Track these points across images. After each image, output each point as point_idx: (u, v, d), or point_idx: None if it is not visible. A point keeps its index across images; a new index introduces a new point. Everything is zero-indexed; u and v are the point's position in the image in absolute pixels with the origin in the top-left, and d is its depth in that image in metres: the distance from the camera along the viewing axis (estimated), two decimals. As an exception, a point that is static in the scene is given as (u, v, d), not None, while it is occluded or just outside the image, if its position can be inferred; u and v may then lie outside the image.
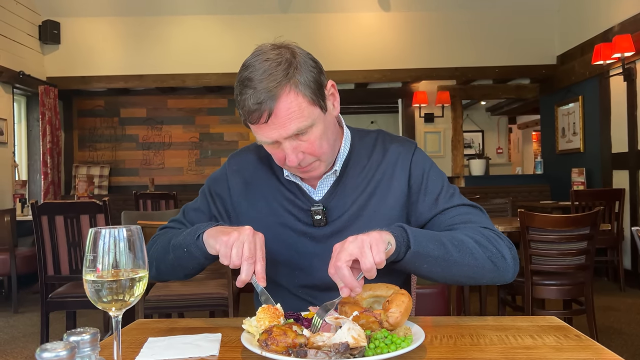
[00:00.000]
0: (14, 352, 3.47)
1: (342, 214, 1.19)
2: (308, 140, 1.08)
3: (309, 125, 1.07)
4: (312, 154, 1.11)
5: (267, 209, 1.22)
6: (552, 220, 2.87)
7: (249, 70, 1.06)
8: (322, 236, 1.19)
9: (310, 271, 1.19)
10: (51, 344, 0.60)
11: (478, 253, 1.07)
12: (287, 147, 1.08)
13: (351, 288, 0.92)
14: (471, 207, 1.19)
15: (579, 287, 2.93)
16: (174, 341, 0.97)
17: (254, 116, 1.05)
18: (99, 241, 0.74)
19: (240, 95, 1.07)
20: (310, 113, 1.06)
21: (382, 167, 1.22)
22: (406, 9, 6.69)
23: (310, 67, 1.08)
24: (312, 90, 1.06)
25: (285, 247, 1.20)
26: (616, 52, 4.85)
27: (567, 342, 0.93)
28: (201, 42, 6.64)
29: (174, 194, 5.81)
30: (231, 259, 1.01)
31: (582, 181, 5.82)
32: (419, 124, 7.42)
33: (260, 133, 1.08)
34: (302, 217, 1.20)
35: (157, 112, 7.46)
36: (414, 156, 1.23)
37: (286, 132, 1.05)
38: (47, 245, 2.98)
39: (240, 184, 1.27)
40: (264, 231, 1.16)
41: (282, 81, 1.03)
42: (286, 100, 1.04)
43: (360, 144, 1.25)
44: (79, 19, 6.64)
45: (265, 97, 1.03)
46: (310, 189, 1.22)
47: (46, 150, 6.28)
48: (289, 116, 1.04)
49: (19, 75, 5.91)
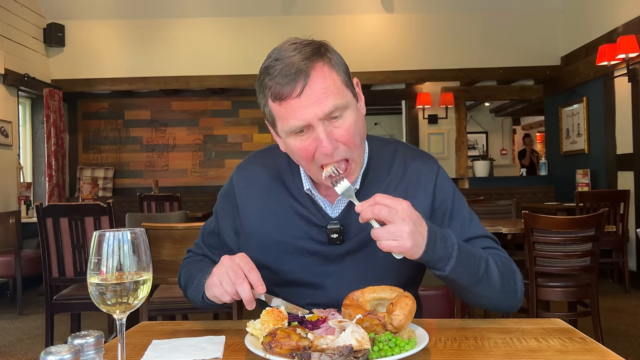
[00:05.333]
0: (19, 354, 3.48)
1: (360, 232, 1.11)
2: (343, 125, 1.00)
3: (345, 105, 0.99)
4: (346, 144, 1.01)
5: (278, 225, 1.15)
6: (557, 222, 2.85)
7: (276, 53, 1.00)
8: (336, 255, 1.12)
9: (323, 292, 1.13)
10: (56, 347, 0.60)
11: (498, 285, 1.06)
12: (321, 131, 0.98)
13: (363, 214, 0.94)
14: (491, 240, 1.18)
15: (584, 289, 2.92)
16: (177, 343, 0.97)
17: (285, 90, 0.96)
18: (103, 244, 0.74)
19: (269, 75, 0.98)
20: (345, 93, 0.99)
21: (402, 185, 1.15)
22: (409, 10, 6.69)
23: (340, 56, 1.04)
24: (344, 73, 1.01)
25: (297, 265, 1.14)
26: (621, 53, 4.84)
27: (572, 344, 0.93)
28: (205, 44, 6.65)
29: (178, 195, 5.83)
30: (229, 294, 0.99)
31: (587, 182, 5.80)
32: (422, 125, 7.41)
33: (291, 114, 0.98)
34: (316, 234, 1.13)
35: (161, 114, 7.49)
36: (438, 178, 1.18)
37: (322, 110, 0.96)
38: (51, 247, 2.99)
39: (249, 200, 1.18)
40: (275, 249, 1.14)
41: (315, 55, 0.97)
42: (321, 73, 0.97)
43: (377, 156, 1.18)
44: (84, 22, 6.67)
45: (299, 67, 0.95)
46: (327, 204, 1.14)
47: (51, 152, 6.31)
48: (325, 90, 0.96)
49: (24, 78, 5.94)
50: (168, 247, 2.25)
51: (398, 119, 9.42)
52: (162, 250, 2.24)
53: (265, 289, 0.99)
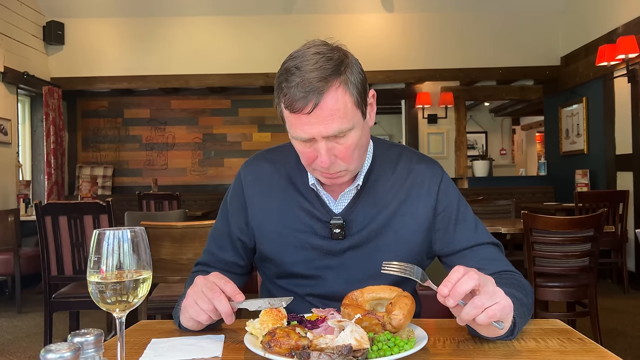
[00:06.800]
0: (18, 352, 3.48)
1: (361, 229, 1.16)
2: (344, 144, 1.04)
3: (350, 128, 1.03)
4: (343, 160, 1.06)
5: (283, 219, 1.18)
6: (556, 222, 2.86)
7: (299, 60, 1.02)
8: (338, 250, 1.16)
9: (323, 284, 1.17)
10: (55, 345, 0.60)
11: (528, 313, 1.05)
12: (322, 147, 1.03)
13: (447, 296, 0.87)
14: (496, 246, 1.19)
15: (583, 289, 2.92)
16: (177, 342, 0.97)
17: (297, 105, 1.00)
18: (102, 243, 0.74)
19: (286, 82, 1.01)
20: (353, 116, 1.03)
21: (406, 186, 1.18)
22: (410, 10, 6.69)
23: (359, 70, 1.06)
24: (358, 92, 1.03)
25: (300, 258, 1.17)
26: (620, 54, 4.84)
27: (570, 345, 0.93)
28: (205, 43, 6.65)
29: (177, 194, 5.82)
30: (206, 312, 0.98)
31: (586, 183, 5.81)
32: (422, 125, 7.41)
33: (298, 126, 1.02)
34: (320, 229, 1.16)
35: (161, 112, 7.48)
36: (442, 182, 1.20)
37: (326, 131, 1.01)
38: (50, 245, 2.99)
39: (257, 194, 1.22)
40: (279, 242, 1.17)
41: (332, 75, 1.00)
42: (334, 95, 1.00)
43: (382, 156, 1.21)
44: (83, 20, 6.66)
45: (314, 87, 0.99)
46: (331, 200, 1.18)
47: (50, 150, 6.30)
48: (333, 114, 1.00)
49: (23, 75, 5.93)
50: (167, 246, 2.25)
51: (398, 118, 9.42)
52: (161, 249, 2.24)
53: (244, 297, 0.99)
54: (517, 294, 1.02)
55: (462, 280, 0.86)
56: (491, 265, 1.14)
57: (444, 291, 0.86)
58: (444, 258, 1.21)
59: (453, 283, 0.86)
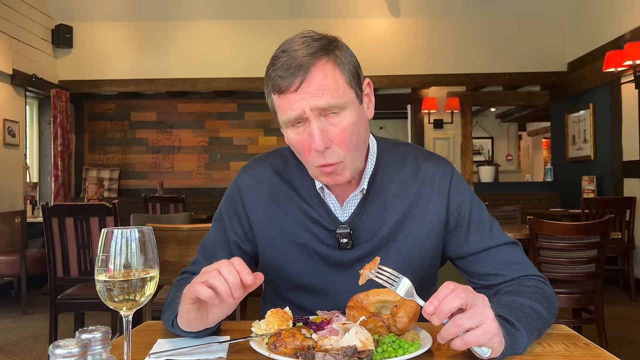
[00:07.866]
0: (23, 352, 3.49)
1: (371, 237, 1.08)
2: (338, 125, 0.96)
3: (342, 105, 0.96)
4: (339, 145, 0.97)
5: (286, 227, 1.11)
6: (562, 228, 2.84)
7: (286, 44, 0.98)
8: (347, 261, 1.09)
9: (333, 298, 1.10)
10: (64, 341, 0.61)
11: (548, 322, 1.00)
12: (315, 127, 0.95)
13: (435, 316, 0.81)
14: (515, 246, 1.12)
15: (589, 295, 2.90)
16: (182, 343, 0.97)
17: (284, 82, 0.94)
18: (110, 241, 0.75)
19: (272, 66, 0.96)
20: (345, 93, 0.96)
21: (414, 187, 1.10)
22: (416, 15, 6.70)
23: (351, 54, 1.02)
24: (350, 72, 0.98)
25: (307, 269, 1.10)
26: (627, 60, 4.82)
27: (576, 350, 0.93)
28: (212, 47, 6.69)
29: (183, 197, 5.84)
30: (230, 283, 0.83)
31: (593, 189, 5.78)
32: (428, 130, 7.41)
33: (286, 106, 0.96)
34: (326, 238, 1.09)
35: (167, 116, 7.52)
36: (453, 181, 1.12)
37: (315, 102, 0.94)
38: (57, 246, 3.01)
39: (256, 200, 1.13)
40: (283, 250, 1.10)
41: (320, 52, 0.95)
42: (322, 70, 0.94)
43: (387, 156, 1.13)
44: (92, 24, 6.72)
45: (301, 62, 0.93)
46: (337, 206, 1.10)
47: (57, 152, 6.35)
48: (323, 88, 0.94)
49: (31, 78, 5.98)
50: (172, 248, 2.26)
51: (403, 123, 9.42)
52: (166, 251, 2.25)
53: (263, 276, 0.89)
54: (536, 305, 0.97)
55: (448, 298, 0.80)
56: (510, 270, 1.08)
57: (430, 309, 0.81)
58: (458, 261, 1.14)
59: (439, 300, 0.81)
